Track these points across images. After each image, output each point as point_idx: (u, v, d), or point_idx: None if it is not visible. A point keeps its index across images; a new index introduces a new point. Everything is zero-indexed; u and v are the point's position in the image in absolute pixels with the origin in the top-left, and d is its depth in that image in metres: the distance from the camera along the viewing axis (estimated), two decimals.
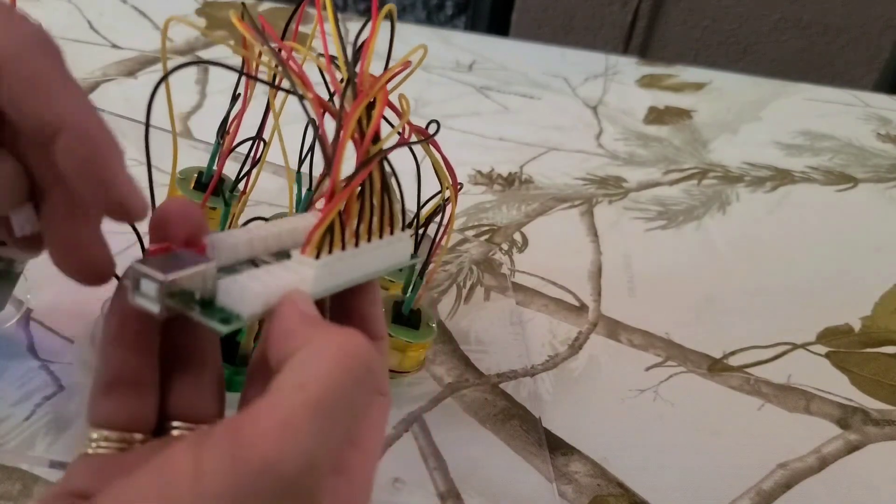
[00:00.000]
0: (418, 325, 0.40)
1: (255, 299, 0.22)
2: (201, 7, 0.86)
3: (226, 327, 0.21)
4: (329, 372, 0.19)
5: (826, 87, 0.94)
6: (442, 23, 1.64)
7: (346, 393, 0.19)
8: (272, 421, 0.18)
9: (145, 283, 0.21)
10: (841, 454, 0.43)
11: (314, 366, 0.19)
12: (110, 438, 0.23)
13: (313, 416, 0.18)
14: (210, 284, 0.22)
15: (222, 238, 0.24)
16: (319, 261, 0.24)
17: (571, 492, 0.38)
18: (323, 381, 0.19)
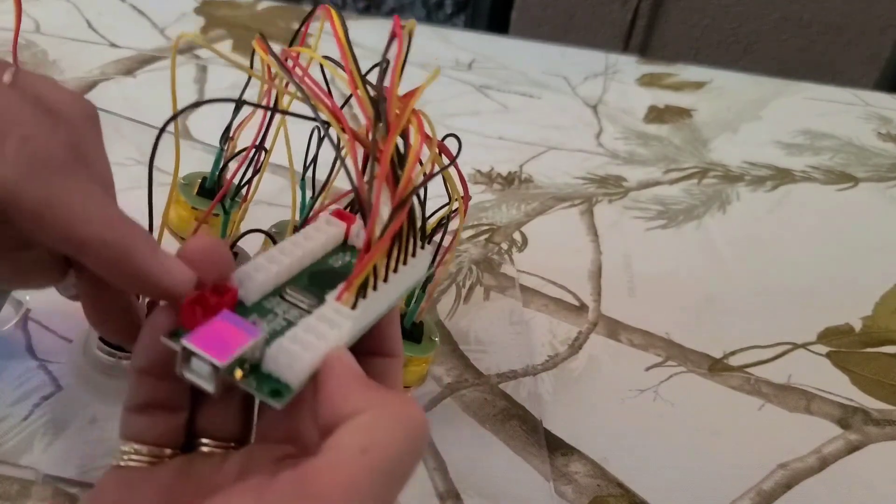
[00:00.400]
0: (420, 338, 0.38)
1: (303, 366, 0.22)
2: (200, 6, 0.86)
3: (280, 402, 0.22)
4: (393, 440, 0.20)
5: (826, 86, 0.94)
6: (441, 21, 1.64)
7: (404, 461, 0.20)
8: (337, 481, 0.19)
9: (197, 363, 0.21)
10: (841, 454, 0.43)
11: (379, 433, 0.20)
12: (141, 452, 0.24)
13: (376, 481, 0.19)
14: (259, 354, 0.22)
15: (249, 275, 0.24)
16: (356, 311, 0.24)
17: (571, 492, 0.38)
18: (387, 449, 0.20)
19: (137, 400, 0.24)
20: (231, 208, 0.39)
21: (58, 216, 0.21)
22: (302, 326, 0.23)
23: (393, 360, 0.26)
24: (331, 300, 0.24)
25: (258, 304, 0.24)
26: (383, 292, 0.25)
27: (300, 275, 0.26)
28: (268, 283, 0.24)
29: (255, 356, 0.22)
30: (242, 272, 0.24)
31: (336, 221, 0.28)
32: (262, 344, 0.22)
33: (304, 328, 0.23)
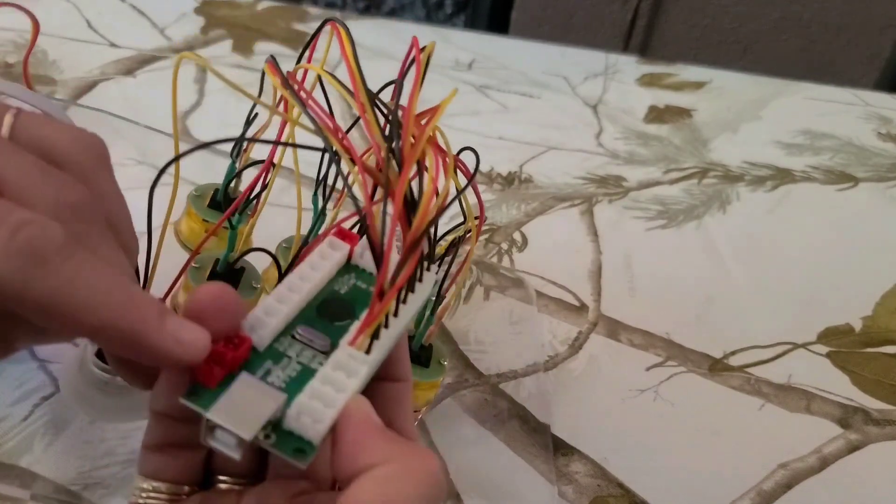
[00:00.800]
0: (428, 362, 0.38)
1: (325, 423, 0.22)
2: (200, 6, 0.86)
3: (304, 462, 0.22)
4: (412, 494, 0.20)
5: (826, 86, 0.93)
6: (441, 21, 1.64)
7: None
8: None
9: (222, 433, 0.21)
10: (842, 454, 0.43)
11: (398, 485, 0.20)
12: (159, 490, 0.24)
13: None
14: (279, 414, 0.22)
15: (261, 321, 0.24)
16: (371, 356, 0.24)
17: (572, 492, 0.38)
18: (406, 502, 0.20)
19: (156, 440, 0.24)
20: (239, 223, 0.38)
21: (63, 308, 0.20)
22: (319, 378, 0.23)
23: (402, 384, 0.26)
24: (344, 345, 0.24)
25: (271, 348, 0.24)
26: (394, 326, 0.25)
27: (308, 307, 0.26)
28: (280, 326, 0.24)
29: (276, 417, 0.22)
30: (254, 318, 0.24)
31: (340, 244, 0.27)
32: (283, 406, 0.22)
33: (322, 380, 0.23)
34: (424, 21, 1.63)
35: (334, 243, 0.27)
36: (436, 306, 0.37)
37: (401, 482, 0.21)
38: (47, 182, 0.22)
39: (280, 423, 0.22)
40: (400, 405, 0.26)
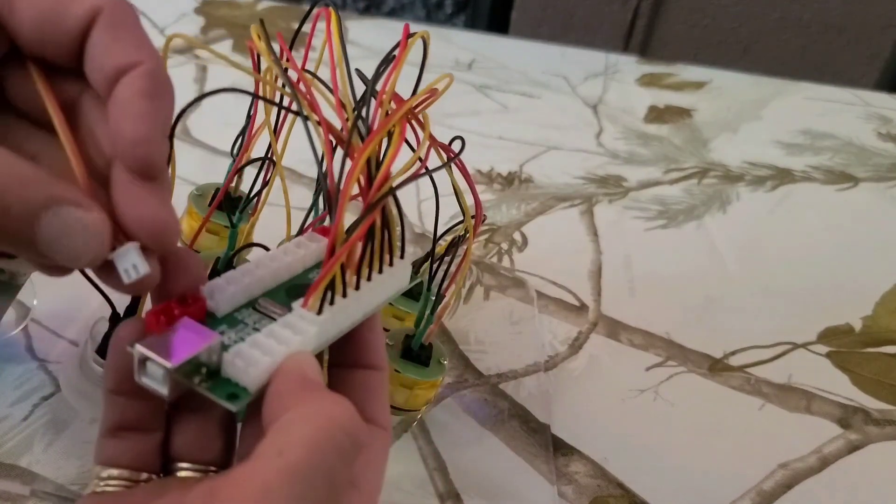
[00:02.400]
0: (428, 361, 0.37)
1: (260, 370, 0.22)
2: (200, 6, 0.86)
3: (235, 405, 0.21)
4: (310, 439, 0.19)
5: (827, 86, 0.93)
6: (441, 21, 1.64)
7: (326, 462, 0.19)
8: (249, 487, 0.18)
9: (152, 367, 0.21)
10: (842, 454, 0.43)
11: (296, 432, 0.19)
12: (116, 476, 0.24)
13: (290, 482, 0.18)
14: (216, 357, 0.22)
15: (220, 287, 0.24)
16: (322, 316, 0.23)
17: (571, 492, 0.38)
18: (303, 449, 0.19)
19: (110, 422, 0.24)
20: (240, 221, 0.38)
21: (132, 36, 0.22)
22: (265, 332, 0.23)
23: (377, 373, 0.25)
24: (297, 307, 0.24)
25: (230, 316, 0.24)
26: (355, 300, 0.25)
27: (277, 289, 0.26)
28: (239, 295, 0.24)
29: (212, 360, 0.22)
30: (213, 283, 0.24)
31: (318, 237, 0.28)
32: (218, 347, 0.22)
33: (267, 334, 0.23)
34: (424, 21, 1.63)
35: (313, 236, 0.28)
36: (436, 306, 0.37)
37: (295, 430, 0.19)
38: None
39: (219, 373, 0.22)
40: (373, 393, 0.25)
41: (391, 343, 0.37)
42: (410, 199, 0.57)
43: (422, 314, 0.37)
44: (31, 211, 0.20)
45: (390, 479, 0.37)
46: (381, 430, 0.25)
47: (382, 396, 0.25)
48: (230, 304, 0.24)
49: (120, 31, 0.22)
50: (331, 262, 0.23)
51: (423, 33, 0.27)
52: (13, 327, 0.40)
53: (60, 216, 0.20)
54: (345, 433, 0.20)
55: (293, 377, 0.21)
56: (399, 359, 0.37)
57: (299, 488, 0.18)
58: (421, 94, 0.27)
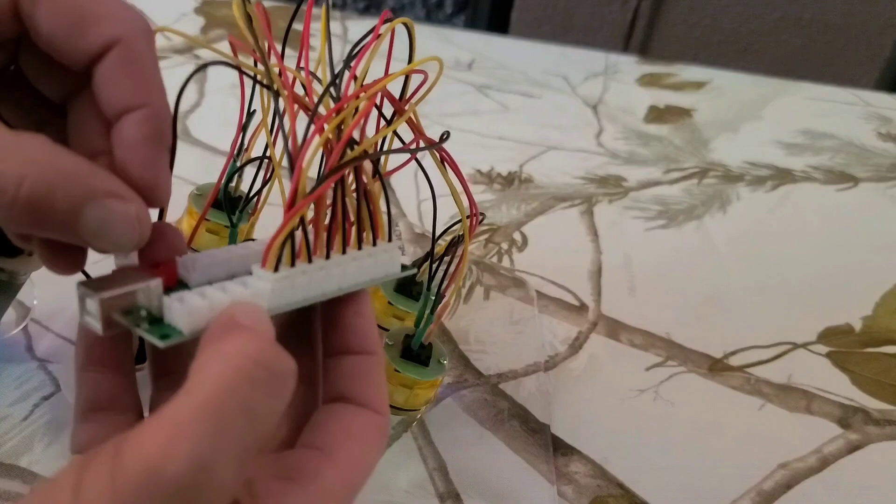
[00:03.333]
0: (428, 361, 0.37)
1: (198, 315, 0.21)
2: (200, 6, 0.86)
3: (164, 342, 0.21)
4: (219, 375, 0.19)
5: (827, 86, 0.93)
6: (441, 21, 1.64)
7: (238, 394, 0.18)
8: (155, 429, 0.18)
9: (90, 303, 0.21)
10: (842, 454, 0.43)
11: (205, 371, 0.19)
12: None
13: (200, 417, 0.18)
14: (156, 301, 0.22)
15: (196, 258, 0.24)
16: (277, 274, 0.23)
17: (571, 492, 0.38)
18: (211, 384, 0.18)
19: (83, 404, 0.24)
20: (240, 221, 0.38)
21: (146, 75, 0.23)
22: (217, 286, 0.23)
23: (369, 357, 0.25)
24: (256, 268, 0.24)
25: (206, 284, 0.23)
26: (323, 269, 0.24)
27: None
28: (214, 268, 0.24)
29: (152, 303, 0.22)
30: (190, 255, 0.24)
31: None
32: (157, 290, 0.22)
33: (219, 287, 0.23)
34: (424, 21, 1.63)
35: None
36: (435, 305, 0.37)
37: (203, 369, 0.19)
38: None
39: (161, 319, 0.22)
40: (365, 378, 0.25)
41: (391, 343, 0.37)
42: (410, 199, 0.57)
43: (421, 314, 0.37)
44: (75, 204, 0.21)
45: (390, 478, 0.37)
46: (374, 413, 0.24)
47: (375, 380, 0.25)
48: (204, 275, 0.24)
49: (133, 67, 0.23)
50: (288, 216, 0.23)
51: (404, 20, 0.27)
52: (13, 327, 0.40)
53: (103, 208, 0.21)
54: (256, 364, 0.19)
55: (221, 322, 0.21)
56: (399, 358, 0.37)
57: (212, 423, 0.18)
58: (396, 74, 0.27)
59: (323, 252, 0.25)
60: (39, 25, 0.22)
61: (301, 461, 0.23)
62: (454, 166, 0.32)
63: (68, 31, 0.22)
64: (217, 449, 0.18)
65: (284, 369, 0.20)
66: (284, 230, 0.23)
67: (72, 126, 0.25)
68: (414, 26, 0.28)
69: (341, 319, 0.25)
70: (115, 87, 0.22)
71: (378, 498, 0.36)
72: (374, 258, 0.26)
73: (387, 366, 0.36)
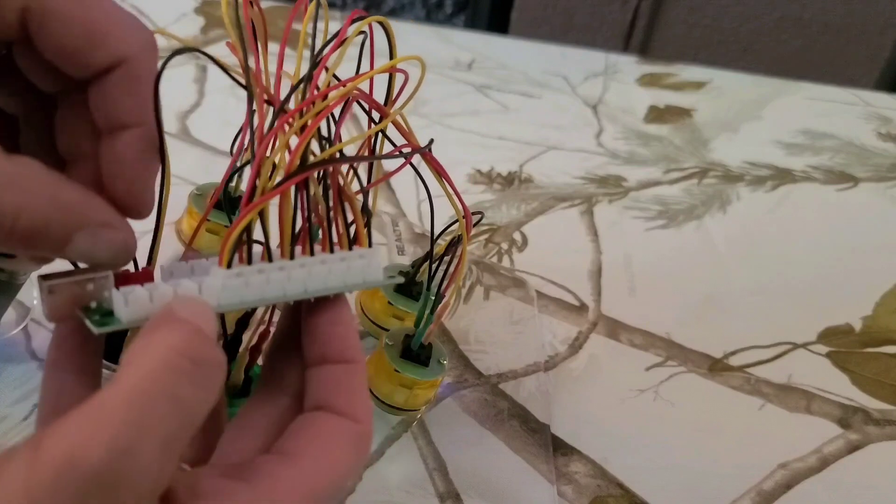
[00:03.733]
0: (427, 361, 0.37)
1: (137, 305, 0.22)
2: (200, 6, 0.86)
3: (98, 328, 0.21)
4: (144, 366, 0.19)
5: (827, 86, 0.93)
6: (441, 21, 1.64)
7: (165, 384, 0.19)
8: (78, 418, 0.18)
9: (42, 290, 0.22)
10: (842, 454, 0.43)
11: (132, 363, 0.19)
12: None
13: (123, 404, 0.18)
14: (106, 294, 0.22)
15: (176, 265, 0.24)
16: (229, 271, 0.23)
17: (571, 492, 0.38)
18: (136, 375, 0.19)
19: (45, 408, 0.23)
20: None
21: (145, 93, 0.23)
22: (171, 282, 0.23)
23: (345, 366, 0.24)
24: (213, 265, 0.23)
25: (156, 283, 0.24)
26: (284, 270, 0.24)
27: None
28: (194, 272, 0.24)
29: (102, 296, 0.22)
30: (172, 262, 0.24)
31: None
32: (107, 282, 0.22)
33: (172, 283, 0.23)
34: (424, 21, 1.63)
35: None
36: (435, 305, 0.37)
37: (128, 361, 0.19)
38: None
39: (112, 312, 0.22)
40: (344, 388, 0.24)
41: (391, 343, 0.37)
42: (410, 199, 0.57)
43: (421, 314, 0.37)
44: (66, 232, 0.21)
45: (390, 479, 0.37)
46: (351, 421, 0.24)
47: (353, 389, 0.24)
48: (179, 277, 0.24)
49: (136, 87, 0.23)
50: (244, 212, 0.22)
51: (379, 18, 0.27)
52: (13, 327, 0.40)
53: (93, 236, 0.22)
54: (180, 355, 0.19)
55: (159, 315, 0.21)
56: (399, 358, 0.37)
57: (135, 411, 0.18)
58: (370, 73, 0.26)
59: (287, 252, 0.24)
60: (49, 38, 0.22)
61: (258, 463, 0.22)
62: (442, 171, 0.32)
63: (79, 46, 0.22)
64: (140, 436, 0.18)
65: (210, 360, 0.20)
66: (239, 226, 0.23)
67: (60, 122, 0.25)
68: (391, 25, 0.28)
69: (318, 328, 0.25)
70: (116, 104, 0.23)
71: (378, 498, 0.36)
72: (349, 263, 0.25)
73: (387, 366, 0.36)
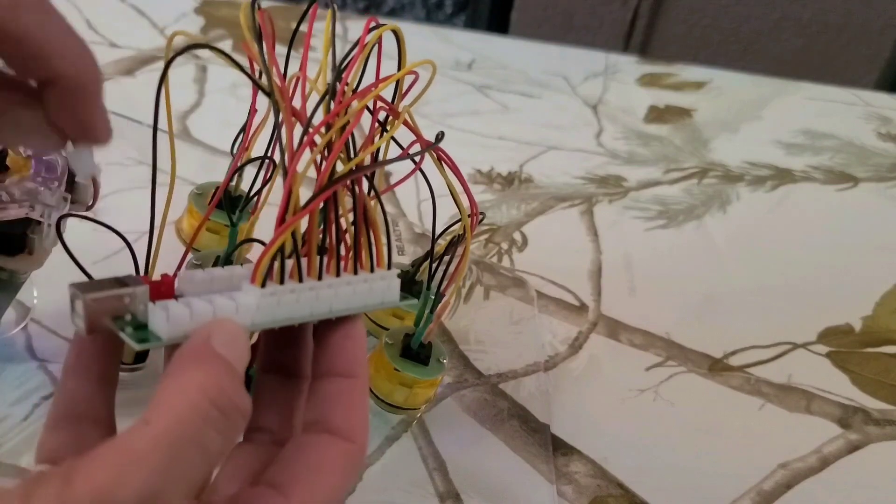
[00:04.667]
0: (427, 360, 0.37)
1: (178, 323, 0.22)
2: (200, 6, 0.86)
3: (139, 345, 0.21)
4: (177, 409, 0.19)
5: (827, 86, 0.93)
6: (441, 21, 1.64)
7: (192, 431, 0.19)
8: (110, 455, 0.18)
9: (77, 304, 0.22)
10: (842, 454, 0.43)
11: (165, 402, 0.19)
12: None
13: (154, 448, 0.18)
14: (142, 307, 0.22)
15: (195, 273, 0.24)
16: (264, 290, 0.23)
17: (571, 492, 0.38)
18: (168, 418, 0.19)
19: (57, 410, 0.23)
20: (240, 220, 0.38)
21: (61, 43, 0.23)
22: (205, 298, 0.23)
23: (348, 380, 0.25)
24: (245, 283, 0.24)
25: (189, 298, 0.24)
26: (313, 290, 0.24)
27: None
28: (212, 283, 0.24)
29: (137, 308, 0.22)
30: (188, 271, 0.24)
31: None
32: (143, 296, 0.22)
33: (206, 300, 0.23)
34: (424, 21, 1.63)
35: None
36: (435, 304, 0.37)
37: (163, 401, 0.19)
38: None
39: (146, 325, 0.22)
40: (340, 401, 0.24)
41: (391, 342, 0.37)
42: (410, 199, 0.57)
43: (421, 313, 0.37)
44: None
45: (390, 478, 0.37)
46: (345, 441, 0.23)
47: (353, 406, 0.24)
48: (200, 288, 0.24)
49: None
50: (278, 232, 0.23)
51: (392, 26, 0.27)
52: (13, 327, 0.40)
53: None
54: (211, 403, 0.19)
55: (196, 341, 0.21)
56: (398, 357, 0.37)
57: (166, 455, 0.18)
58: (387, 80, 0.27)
59: (316, 273, 0.25)
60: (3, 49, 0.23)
61: (251, 497, 0.22)
62: (453, 166, 0.32)
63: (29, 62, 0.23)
64: (169, 481, 0.18)
65: (236, 408, 0.20)
66: (274, 246, 0.23)
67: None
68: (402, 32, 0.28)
69: (330, 340, 0.25)
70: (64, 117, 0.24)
71: (378, 498, 0.36)
72: (371, 284, 0.26)
73: (386, 364, 0.37)
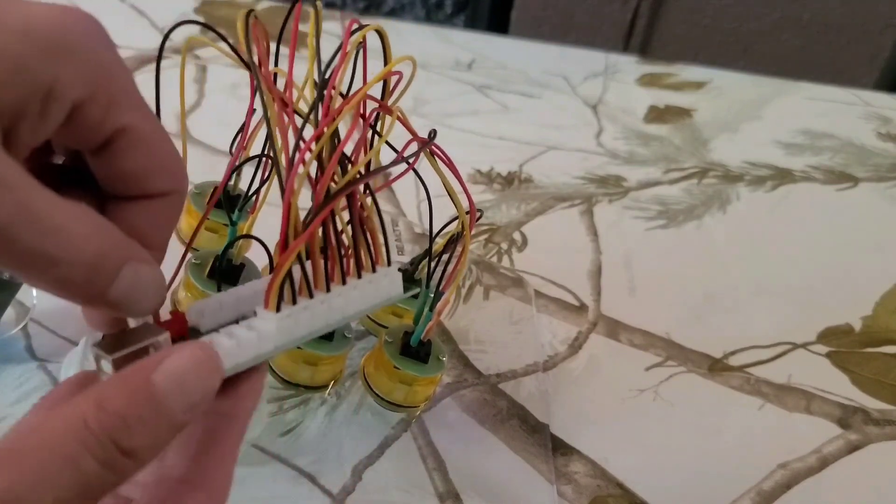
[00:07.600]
0: (427, 358, 0.37)
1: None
2: (200, 6, 0.86)
3: None
4: (53, 431, 0.19)
5: (826, 86, 0.93)
6: (441, 21, 1.64)
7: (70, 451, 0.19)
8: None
9: (104, 364, 0.22)
10: (842, 454, 0.43)
11: (60, 413, 0.19)
12: None
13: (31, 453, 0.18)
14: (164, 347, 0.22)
15: (205, 305, 0.24)
16: (280, 313, 0.23)
17: (571, 492, 0.38)
18: (55, 427, 0.19)
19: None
20: (238, 219, 0.38)
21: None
22: (224, 332, 0.23)
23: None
24: (259, 309, 0.24)
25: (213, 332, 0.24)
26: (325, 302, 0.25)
27: None
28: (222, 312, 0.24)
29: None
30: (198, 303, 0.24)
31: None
32: (165, 344, 0.22)
33: (227, 333, 0.23)
34: (424, 21, 1.63)
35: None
36: (434, 302, 0.37)
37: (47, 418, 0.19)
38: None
39: None
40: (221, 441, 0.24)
41: (390, 340, 0.37)
42: (410, 198, 0.57)
43: (420, 311, 0.37)
44: (116, 268, 0.22)
45: (390, 478, 0.37)
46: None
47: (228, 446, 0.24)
48: (214, 320, 0.24)
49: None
50: (283, 258, 0.23)
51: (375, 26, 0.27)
52: (13, 327, 0.40)
53: (136, 273, 0.22)
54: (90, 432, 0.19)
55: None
56: (398, 355, 0.37)
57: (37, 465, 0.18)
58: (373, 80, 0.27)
59: (323, 285, 0.25)
60: (123, 158, 0.24)
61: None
62: (449, 163, 0.32)
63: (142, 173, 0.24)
64: (33, 490, 0.18)
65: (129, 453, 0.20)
66: (281, 272, 0.23)
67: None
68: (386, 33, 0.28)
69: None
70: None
71: (378, 498, 0.36)
72: (375, 284, 0.27)
73: (386, 362, 0.36)
